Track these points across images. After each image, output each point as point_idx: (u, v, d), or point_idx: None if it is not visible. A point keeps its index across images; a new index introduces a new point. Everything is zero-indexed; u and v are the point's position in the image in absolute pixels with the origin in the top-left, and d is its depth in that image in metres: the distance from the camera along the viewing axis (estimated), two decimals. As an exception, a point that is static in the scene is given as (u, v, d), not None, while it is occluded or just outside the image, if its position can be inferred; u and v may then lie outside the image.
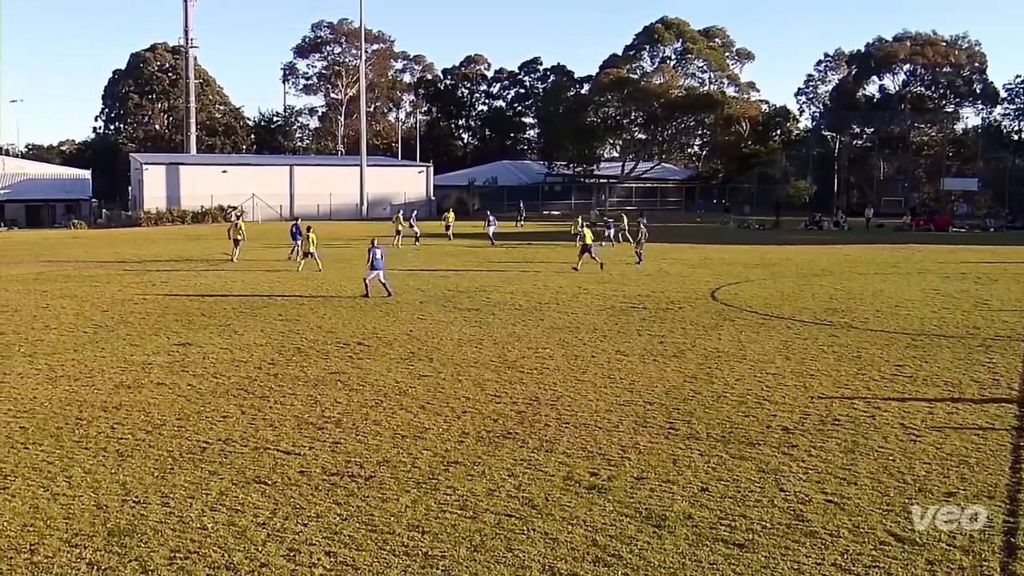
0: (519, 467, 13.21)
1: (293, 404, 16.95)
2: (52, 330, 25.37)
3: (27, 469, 13.25)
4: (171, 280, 37.97)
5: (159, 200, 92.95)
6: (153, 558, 10.14)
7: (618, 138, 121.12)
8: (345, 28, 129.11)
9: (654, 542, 10.47)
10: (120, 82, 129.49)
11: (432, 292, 33.07)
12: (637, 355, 21.38)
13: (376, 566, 9.90)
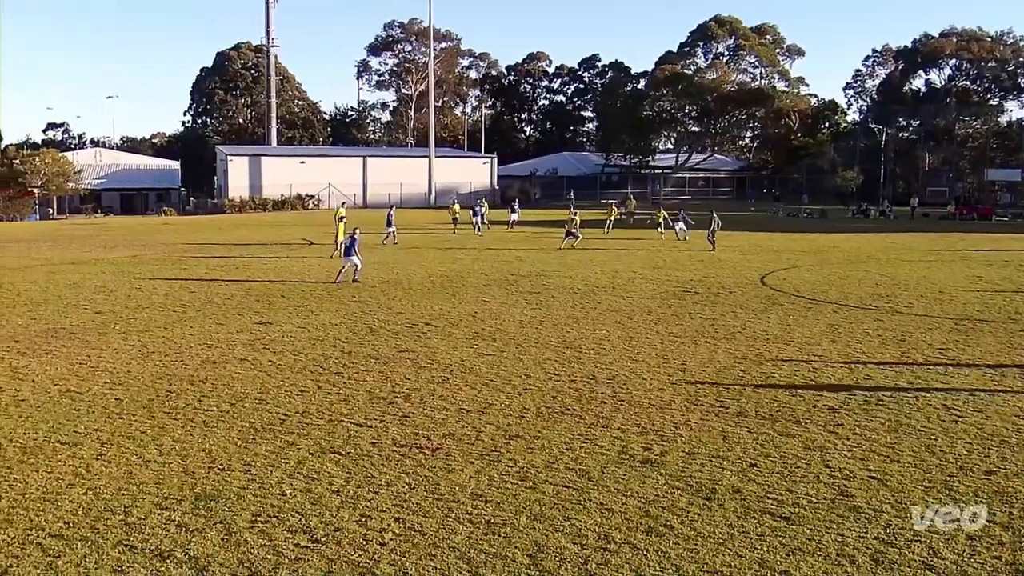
0: (576, 441, 13.21)
1: (365, 380, 17.09)
2: (144, 309, 25.81)
3: (122, 438, 13.52)
4: (253, 264, 38.44)
5: (242, 189, 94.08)
6: (236, 521, 10.30)
7: (672, 131, 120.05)
8: (415, 27, 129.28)
9: (704, 514, 10.42)
10: (207, 79, 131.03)
11: (495, 276, 33.12)
12: (689, 337, 21.24)
13: (442, 532, 9.97)
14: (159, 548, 9.61)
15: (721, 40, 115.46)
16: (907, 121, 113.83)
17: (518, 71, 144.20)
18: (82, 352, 19.81)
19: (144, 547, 9.64)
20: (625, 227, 53.19)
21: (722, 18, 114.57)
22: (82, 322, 23.74)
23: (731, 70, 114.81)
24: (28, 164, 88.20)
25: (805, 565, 9.11)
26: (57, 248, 48.27)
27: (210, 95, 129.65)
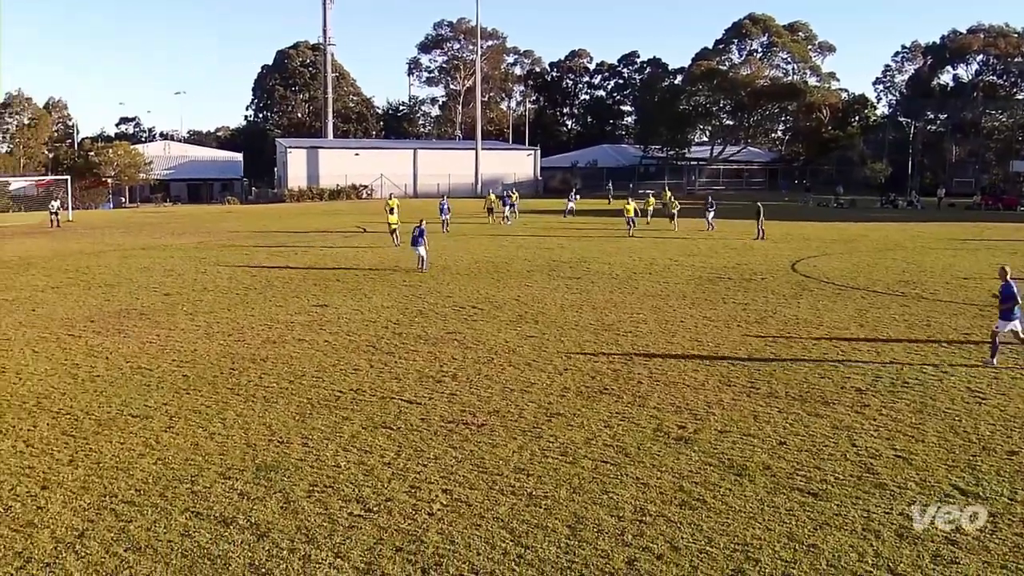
0: (614, 419, 13.19)
1: (415, 359, 17.17)
2: (209, 292, 26.11)
3: (189, 411, 13.71)
4: (310, 250, 38.71)
5: (300, 179, 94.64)
6: (294, 491, 10.42)
7: (708, 124, 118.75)
8: (463, 27, 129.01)
9: (735, 489, 10.38)
10: (268, 76, 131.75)
11: (538, 262, 33.09)
12: (722, 320, 21.10)
13: (487, 503, 10.01)
14: (223, 515, 9.74)
15: (755, 37, 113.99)
16: (935, 115, 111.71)
17: (560, 67, 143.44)
18: (152, 332, 20.09)
19: (209, 514, 9.78)
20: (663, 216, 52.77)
21: (756, 16, 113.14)
22: (152, 304, 24.07)
23: (764, 66, 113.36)
24: (102, 156, 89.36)
25: (832, 539, 9.04)
26: (129, 234, 48.93)
27: (271, 91, 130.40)
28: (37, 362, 17.19)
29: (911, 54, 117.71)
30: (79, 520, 9.65)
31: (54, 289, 27.13)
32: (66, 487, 10.60)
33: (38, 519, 9.67)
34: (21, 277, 30.06)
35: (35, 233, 50.65)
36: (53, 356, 17.70)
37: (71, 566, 8.57)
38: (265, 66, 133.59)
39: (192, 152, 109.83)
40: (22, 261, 35.22)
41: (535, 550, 8.85)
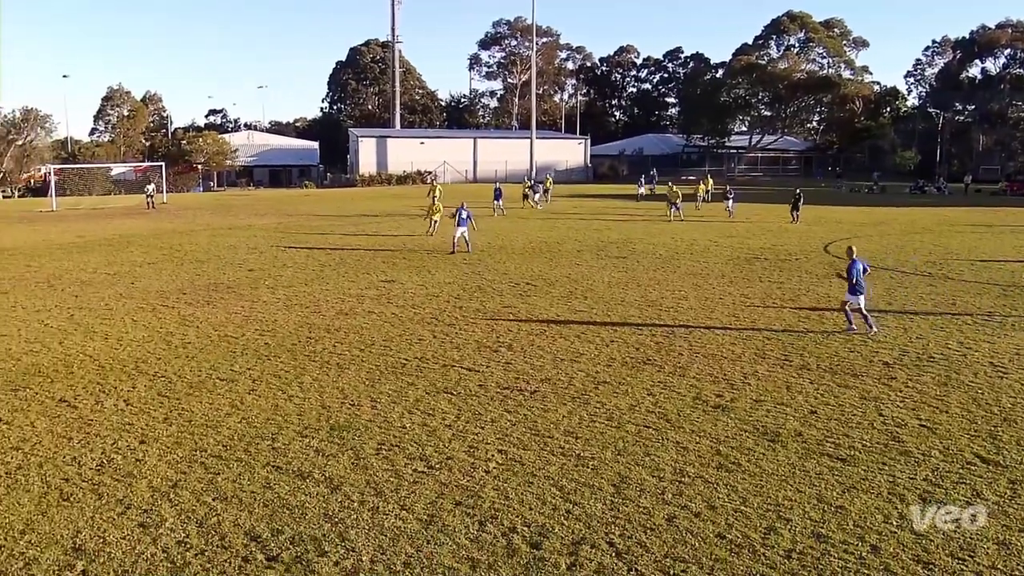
0: (656, 388, 13.14)
1: (474, 331, 17.24)
2: (288, 268, 26.42)
3: (270, 376, 13.92)
4: (379, 230, 38.95)
5: (370, 166, 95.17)
6: (364, 448, 10.54)
7: (746, 115, 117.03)
8: (520, 25, 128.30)
9: (769, 454, 10.30)
10: (341, 71, 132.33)
11: (587, 243, 32.96)
12: (758, 298, 20.86)
13: (538, 463, 10.05)
14: (300, 469, 9.90)
15: (792, 33, 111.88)
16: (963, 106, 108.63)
17: (609, 62, 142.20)
18: (237, 303, 20.41)
19: (288, 468, 9.94)
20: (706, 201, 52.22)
21: (794, 13, 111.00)
22: (237, 278, 24.43)
23: (801, 60, 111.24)
24: (193, 144, 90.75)
25: (859, 501, 8.94)
26: (217, 216, 49.64)
27: (344, 85, 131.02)
28: (136, 330, 17.56)
29: (941, 48, 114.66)
30: (173, 472, 9.87)
31: (150, 264, 27.66)
32: (161, 442, 10.84)
33: (137, 470, 9.92)
34: (122, 254, 30.69)
35: (133, 214, 51.63)
36: (149, 325, 18.07)
37: (166, 513, 8.78)
38: (339, 62, 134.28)
39: (273, 141, 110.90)
40: (122, 239, 35.93)
41: (582, 506, 8.87)
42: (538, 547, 8.02)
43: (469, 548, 8.01)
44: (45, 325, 18.10)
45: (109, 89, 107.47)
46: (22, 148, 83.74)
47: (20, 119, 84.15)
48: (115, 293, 22.05)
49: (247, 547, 8.04)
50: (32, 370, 14.39)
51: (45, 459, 10.29)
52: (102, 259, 29.04)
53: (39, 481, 9.61)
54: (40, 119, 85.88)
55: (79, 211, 54.82)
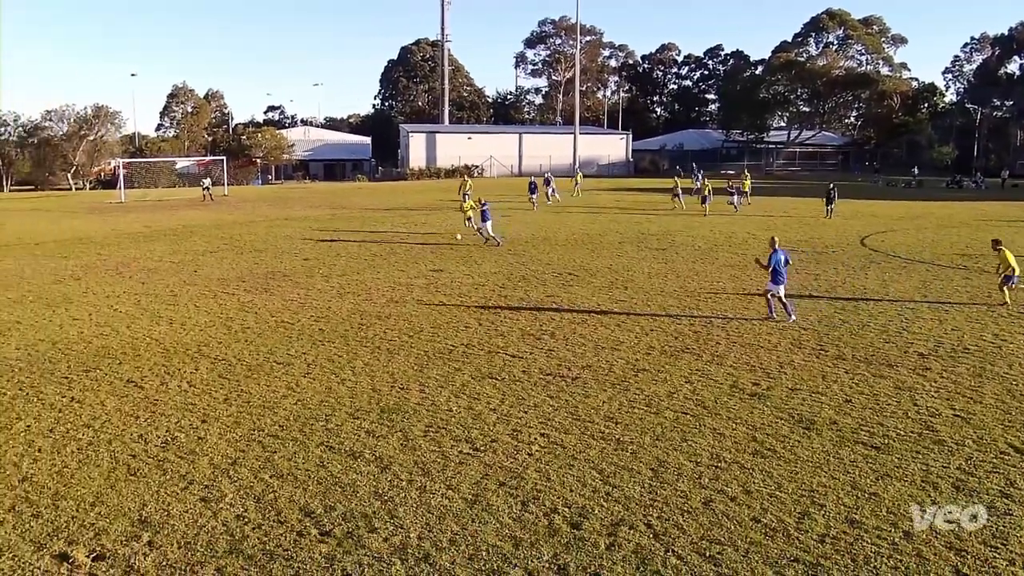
0: (694, 376, 13.05)
1: (518, 319, 17.25)
2: (341, 258, 26.65)
3: (324, 360, 14.06)
4: (428, 221, 39.11)
5: (420, 160, 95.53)
6: (412, 430, 10.62)
7: (785, 110, 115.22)
8: (564, 24, 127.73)
9: (804, 441, 10.18)
10: (393, 69, 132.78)
11: (628, 234, 32.78)
12: (795, 289, 20.52)
13: (579, 446, 10.04)
14: (352, 449, 10.00)
15: (831, 31, 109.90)
16: (1001, 101, 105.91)
17: (651, 60, 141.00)
18: (293, 291, 20.63)
19: (340, 448, 10.05)
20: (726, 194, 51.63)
21: (833, 11, 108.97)
22: (293, 267, 24.69)
23: (839, 57, 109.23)
24: (252, 139, 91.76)
25: (892, 488, 8.80)
26: (274, 207, 50.19)
27: (395, 82, 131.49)
28: (198, 315, 17.84)
29: (980, 45, 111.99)
30: (232, 450, 10.03)
31: (212, 253, 28.07)
32: (221, 422, 11.01)
33: (199, 448, 10.09)
34: (185, 243, 31.17)
35: (196, 206, 52.39)
36: (211, 310, 18.35)
37: (225, 488, 8.92)
38: (391, 60, 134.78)
39: (328, 136, 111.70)
40: (186, 229, 36.50)
41: (621, 489, 8.85)
42: (578, 527, 8.02)
43: (512, 527, 8.03)
44: (114, 310, 18.47)
45: (174, 87, 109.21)
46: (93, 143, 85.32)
47: (92, 115, 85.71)
48: (179, 280, 22.41)
49: (301, 522, 8.15)
50: (102, 352, 14.69)
51: (114, 436, 10.51)
52: (167, 248, 29.53)
53: (108, 457, 9.83)
54: (110, 115, 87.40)
55: (145, 203, 55.77)
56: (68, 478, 9.22)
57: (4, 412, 11.50)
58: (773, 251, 16.96)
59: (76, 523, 8.16)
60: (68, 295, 20.36)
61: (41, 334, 16.18)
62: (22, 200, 64.14)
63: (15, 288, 21.43)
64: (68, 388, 12.59)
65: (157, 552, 7.60)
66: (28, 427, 10.88)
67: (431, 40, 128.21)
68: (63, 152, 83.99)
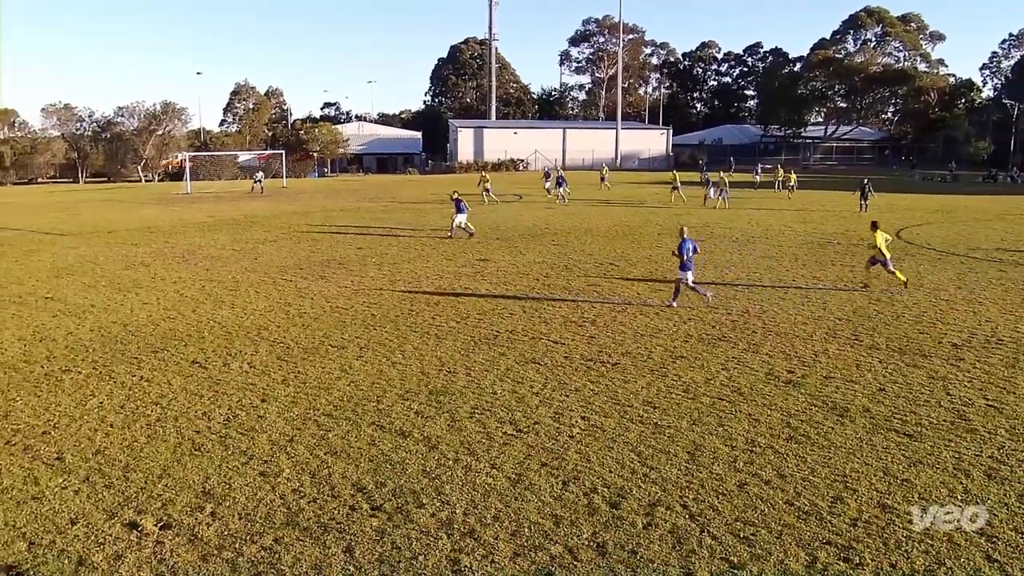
0: (730, 363, 12.92)
1: (560, 307, 17.22)
2: (392, 247, 26.82)
3: (375, 344, 14.18)
4: (475, 213, 39.13)
5: (468, 154, 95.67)
6: (459, 412, 10.67)
7: (822, 106, 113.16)
8: (607, 23, 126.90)
9: (837, 428, 10.03)
10: (443, 67, 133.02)
11: (668, 227, 32.48)
12: (830, 280, 20.27)
13: (618, 430, 10.01)
14: (401, 429, 10.08)
15: (869, 28, 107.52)
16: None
17: (692, 57, 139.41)
18: (347, 278, 20.82)
19: (390, 427, 10.13)
20: (770, 187, 51.01)
21: (871, 8, 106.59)
22: (347, 255, 24.91)
23: (877, 54, 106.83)
24: (310, 134, 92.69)
25: (924, 476, 8.65)
26: (329, 198, 50.65)
27: (444, 79, 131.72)
28: (258, 300, 18.10)
29: (1018, 41, 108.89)
30: (289, 428, 10.17)
31: (271, 242, 28.43)
32: (280, 401, 11.17)
33: (258, 425, 10.25)
34: (246, 232, 31.61)
35: (256, 197, 53.06)
36: (270, 296, 18.60)
37: (283, 464, 9.06)
38: (441, 58, 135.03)
39: (380, 131, 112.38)
40: (247, 220, 36.99)
41: (659, 470, 8.81)
42: (617, 507, 8.00)
43: (553, 505, 8.04)
44: (180, 295, 18.80)
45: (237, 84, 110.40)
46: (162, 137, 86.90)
47: (160, 111, 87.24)
48: (241, 267, 22.74)
49: (354, 497, 8.24)
50: (169, 335, 14.98)
51: (180, 413, 10.72)
52: (229, 237, 29.98)
53: (174, 432, 10.03)
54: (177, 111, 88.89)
55: (209, 194, 56.64)
56: (137, 452, 9.43)
57: (79, 389, 11.80)
58: (682, 240, 17.19)
59: (145, 494, 8.35)
60: (138, 280, 20.78)
61: (113, 317, 16.55)
62: (96, 191, 65.54)
63: (89, 274, 21.93)
64: (138, 368, 12.87)
65: (219, 522, 7.74)
66: (101, 404, 11.15)
67: (479, 39, 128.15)
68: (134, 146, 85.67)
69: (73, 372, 12.68)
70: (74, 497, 8.28)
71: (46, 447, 9.60)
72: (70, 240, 29.82)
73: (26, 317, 16.66)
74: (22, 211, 44.63)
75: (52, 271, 22.49)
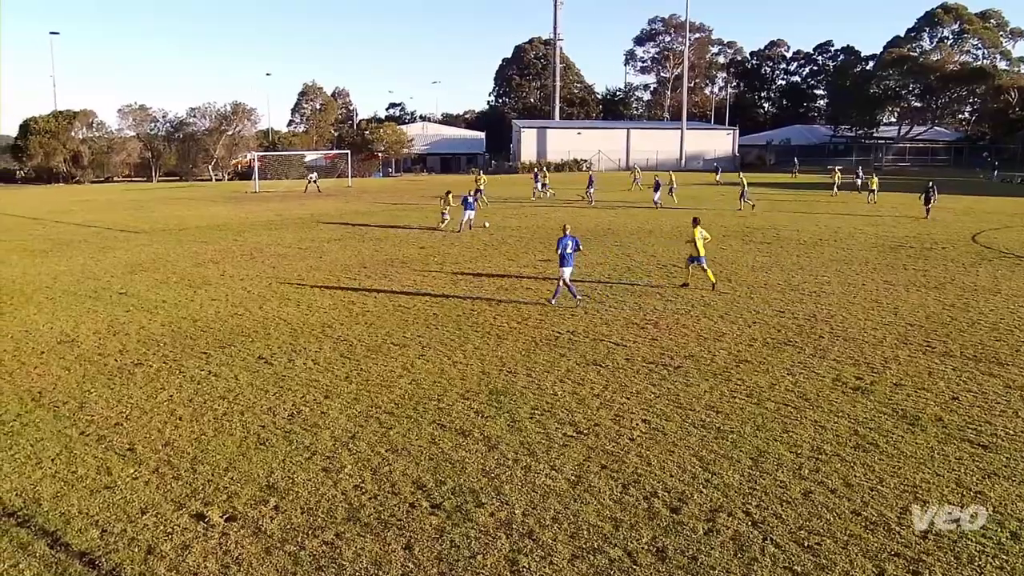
0: (796, 368, 12.68)
1: (622, 308, 17.11)
2: (455, 246, 26.98)
3: (437, 343, 14.29)
4: (538, 212, 39.17)
5: (531, 154, 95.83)
6: (519, 412, 10.68)
7: (896, 106, 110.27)
8: (674, 22, 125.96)
9: (907, 436, 9.76)
10: (507, 67, 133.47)
11: (733, 228, 32.06)
12: (902, 285, 19.74)
13: (680, 433, 9.91)
14: (462, 428, 10.13)
15: (946, 25, 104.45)
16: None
17: (760, 56, 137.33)
18: (410, 277, 21.02)
19: (451, 426, 10.20)
20: (849, 190, 49.92)
21: (948, 5, 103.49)
22: (410, 254, 25.15)
23: (954, 52, 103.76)
24: (375, 134, 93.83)
25: (999, 487, 8.36)
26: (393, 198, 51.21)
27: (509, 80, 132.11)
28: (323, 298, 18.39)
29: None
30: (352, 424, 10.31)
31: (336, 241, 28.86)
32: (342, 398, 11.34)
33: (321, 421, 10.41)
34: (312, 231, 32.15)
35: (323, 196, 53.92)
36: (334, 294, 18.89)
37: (345, 460, 9.19)
38: (505, 59, 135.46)
39: (444, 131, 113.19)
40: (312, 219, 37.62)
41: (721, 476, 8.69)
42: (677, 512, 7.92)
43: (612, 508, 8.00)
44: (248, 292, 19.22)
45: (304, 85, 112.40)
46: (231, 137, 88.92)
47: (230, 112, 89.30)
48: (306, 266, 23.14)
49: (414, 494, 8.32)
50: (237, 331, 15.33)
51: (246, 408, 10.96)
52: (295, 236, 30.53)
53: (240, 427, 10.25)
54: (246, 112, 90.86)
55: (277, 193, 57.76)
56: (205, 445, 9.67)
57: (150, 382, 12.15)
58: (563, 236, 17.41)
59: (211, 486, 8.55)
60: (207, 277, 21.31)
61: (183, 312, 17.00)
62: (168, 190, 67.38)
63: (161, 270, 22.57)
64: (206, 362, 13.19)
65: (282, 516, 7.89)
66: (171, 397, 11.46)
67: (544, 39, 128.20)
68: (205, 146, 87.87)
69: (144, 365, 13.07)
70: (144, 487, 8.53)
71: (118, 438, 9.91)
72: (143, 237, 30.72)
73: (101, 311, 17.23)
74: (99, 209, 46.13)
75: (126, 267, 23.21)
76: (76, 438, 9.93)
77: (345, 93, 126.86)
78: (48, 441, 9.84)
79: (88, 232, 32.93)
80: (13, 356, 13.74)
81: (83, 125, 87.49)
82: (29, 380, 12.35)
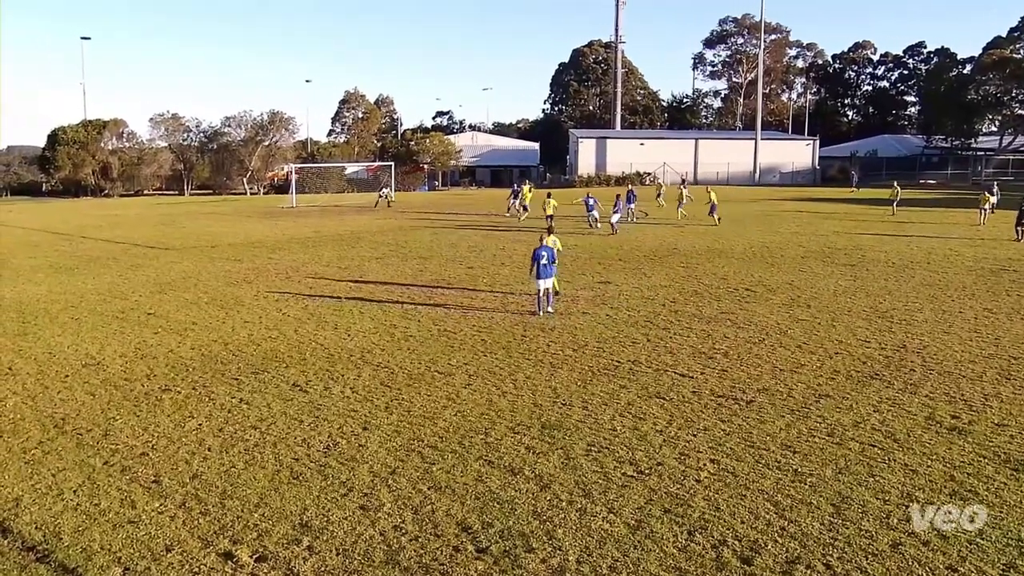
0: (884, 405, 12.41)
1: (689, 336, 16.97)
2: (505, 267, 27.08)
3: (485, 372, 14.31)
4: (594, 231, 39.12)
5: (589, 166, 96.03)
6: (574, 448, 10.63)
7: (997, 114, 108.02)
8: (747, 22, 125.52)
9: (1011, 483, 9.46)
10: (563, 73, 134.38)
11: (812, 248, 31.65)
12: (1004, 313, 19.24)
13: (752, 476, 9.75)
14: (511, 465, 10.11)
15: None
16: None
17: (843, 59, 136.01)
18: (457, 299, 21.12)
19: (499, 463, 10.18)
20: (946, 206, 48.90)
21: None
22: (457, 275, 25.29)
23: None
24: (420, 145, 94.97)
25: (1118, 544, 8.05)
26: (440, 214, 51.64)
27: (565, 86, 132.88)
28: (362, 321, 18.58)
29: None
30: (392, 459, 10.36)
31: (378, 259, 29.18)
32: (382, 430, 11.40)
33: (359, 455, 10.48)
34: (352, 249, 32.56)
35: (364, 211, 54.64)
36: (375, 317, 19.06)
37: (384, 498, 9.22)
38: (561, 64, 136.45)
39: (495, 142, 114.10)
40: (353, 235, 38.13)
41: (798, 524, 8.53)
42: (749, 563, 7.78)
43: (677, 557, 7.90)
44: (283, 314, 19.51)
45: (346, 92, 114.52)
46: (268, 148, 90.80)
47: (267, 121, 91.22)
48: (345, 286, 23.41)
49: (458, 537, 8.31)
50: (270, 355, 15.55)
51: (279, 439, 11.09)
52: (334, 253, 30.95)
53: (273, 459, 10.37)
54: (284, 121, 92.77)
55: (315, 207, 58.68)
56: (235, 478, 9.80)
57: (178, 410, 12.37)
58: (539, 246, 18.44)
59: (241, 523, 8.66)
60: (239, 298, 21.69)
61: (214, 335, 17.32)
62: (201, 204, 68.92)
63: (192, 290, 23.05)
64: (237, 389, 13.40)
65: (316, 557, 7.94)
66: (199, 426, 11.66)
67: (604, 41, 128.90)
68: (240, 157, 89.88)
69: (173, 391, 13.32)
70: (170, 523, 8.67)
71: (144, 469, 10.10)
72: (173, 255, 31.44)
73: (128, 333, 17.64)
74: (128, 224, 47.37)
75: (155, 286, 23.75)
76: (100, 468, 10.14)
77: (389, 101, 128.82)
78: (70, 471, 10.07)
79: (116, 249, 33.81)
80: (36, 379, 14.13)
81: (113, 135, 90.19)
82: (52, 405, 12.68)
